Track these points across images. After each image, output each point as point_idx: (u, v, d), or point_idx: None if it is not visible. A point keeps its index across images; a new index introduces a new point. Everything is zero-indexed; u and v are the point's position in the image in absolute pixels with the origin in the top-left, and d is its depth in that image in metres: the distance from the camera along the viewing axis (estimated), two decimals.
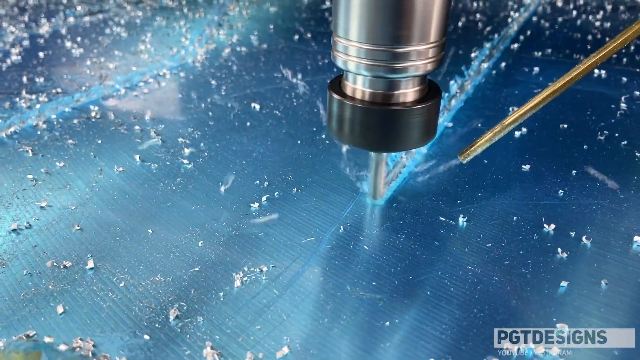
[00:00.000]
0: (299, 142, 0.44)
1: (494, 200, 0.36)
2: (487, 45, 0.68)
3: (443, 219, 0.34)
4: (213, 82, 0.58)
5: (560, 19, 0.80)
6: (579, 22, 0.79)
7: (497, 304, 0.27)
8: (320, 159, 0.41)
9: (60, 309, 0.27)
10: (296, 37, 0.74)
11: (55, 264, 0.30)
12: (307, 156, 0.42)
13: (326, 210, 0.35)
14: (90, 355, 0.24)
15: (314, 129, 0.46)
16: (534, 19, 0.81)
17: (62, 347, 0.24)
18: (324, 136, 0.45)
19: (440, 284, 0.29)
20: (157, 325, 0.26)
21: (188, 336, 0.25)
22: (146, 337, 0.25)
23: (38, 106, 0.50)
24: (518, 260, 0.30)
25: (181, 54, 0.66)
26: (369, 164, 0.35)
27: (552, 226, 0.33)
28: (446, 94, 0.53)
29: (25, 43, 0.69)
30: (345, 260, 0.30)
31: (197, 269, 0.30)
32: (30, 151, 0.42)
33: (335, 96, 0.31)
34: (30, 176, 0.39)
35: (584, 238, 0.32)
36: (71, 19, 0.81)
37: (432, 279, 0.29)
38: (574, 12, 0.84)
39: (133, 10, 0.87)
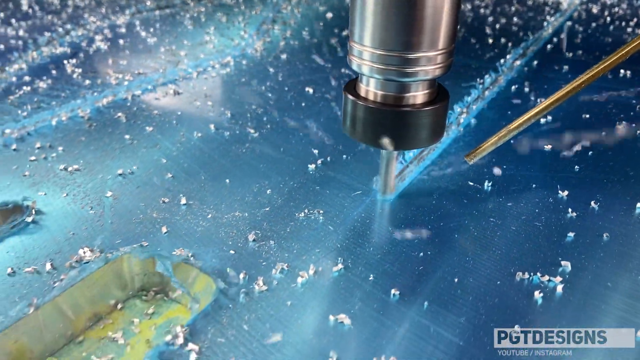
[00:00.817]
0: None
1: (516, 172, 0.42)
2: (522, 45, 0.73)
3: (471, 183, 0.40)
4: (271, 69, 0.65)
5: (593, 24, 0.84)
6: (611, 27, 0.83)
7: (513, 246, 0.33)
8: None
9: (164, 229, 0.34)
10: (344, 33, 0.80)
11: (156, 199, 0.37)
12: None
13: (370, 172, 0.41)
14: (190, 257, 0.31)
15: None
16: (569, 23, 0.85)
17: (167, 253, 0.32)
18: None
19: (466, 229, 0.35)
20: (239, 244, 0.33)
21: (263, 253, 0.32)
22: (231, 252, 0.32)
23: (125, 83, 0.58)
24: (533, 216, 0.36)
25: (242, 45, 0.73)
26: (380, 161, 0.37)
27: (566, 192, 0.38)
28: (480, 86, 0.59)
29: (106, 32, 0.78)
30: (386, 209, 0.37)
31: (267, 209, 0.37)
32: (124, 118, 0.50)
33: (350, 97, 0.33)
34: (127, 136, 0.46)
35: (592, 202, 0.37)
36: (143, 13, 0.90)
37: (460, 224, 0.35)
38: (608, 19, 0.88)
39: (196, 6, 0.96)
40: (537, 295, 0.29)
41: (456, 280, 0.30)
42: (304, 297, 0.29)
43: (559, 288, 0.29)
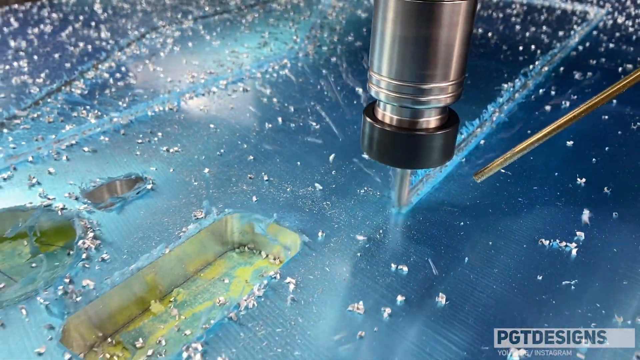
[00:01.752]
0: None
1: (540, 162, 0.48)
2: (550, 52, 0.80)
3: (503, 170, 0.47)
4: (324, 71, 0.73)
5: (617, 34, 0.90)
6: (634, 37, 0.88)
7: (537, 220, 0.40)
8: None
9: (254, 198, 0.42)
10: None
11: (243, 176, 0.45)
12: None
13: None
14: (278, 220, 0.39)
15: None
16: (594, 32, 0.91)
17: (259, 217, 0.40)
18: None
19: (498, 206, 0.42)
20: (314, 212, 0.41)
21: (334, 218, 0.40)
22: (309, 217, 0.40)
23: (201, 81, 0.67)
24: (555, 197, 0.43)
25: (295, 49, 0.81)
26: (394, 177, 0.40)
27: (583, 180, 0.45)
28: (511, 88, 0.65)
29: (177, 34, 0.87)
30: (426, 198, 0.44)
31: (333, 186, 0.44)
32: (205, 110, 0.59)
33: (369, 120, 0.36)
34: (212, 125, 0.55)
35: (605, 188, 0.44)
36: (205, 18, 0.99)
37: (494, 203, 0.42)
38: (631, 29, 0.93)
39: (250, 12, 1.04)
40: (556, 255, 0.36)
41: (490, 243, 0.37)
42: (368, 250, 0.36)
43: (574, 252, 0.36)
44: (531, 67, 0.73)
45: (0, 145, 0.48)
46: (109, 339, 0.32)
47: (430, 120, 0.34)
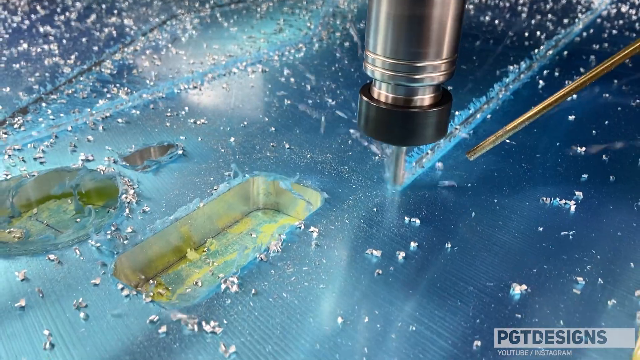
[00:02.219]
0: None
1: (543, 135, 0.51)
2: (554, 37, 0.82)
3: (509, 141, 0.50)
4: (337, 54, 0.76)
5: (620, 22, 0.92)
6: (637, 25, 0.90)
7: (540, 181, 0.43)
8: None
9: (277, 163, 0.45)
10: None
11: (266, 144, 0.49)
12: None
13: None
14: (299, 181, 0.43)
15: None
16: (598, 20, 0.93)
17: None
18: None
19: (504, 171, 0.45)
20: (333, 174, 0.44)
21: (352, 180, 0.43)
22: (329, 179, 0.43)
23: (222, 63, 0.70)
24: (556, 162, 0.46)
25: (309, 34, 0.85)
26: (390, 155, 0.41)
27: (583, 148, 0.48)
28: (517, 70, 0.68)
29: (195, 21, 0.90)
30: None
31: (350, 153, 0.48)
32: (228, 88, 0.62)
33: (365, 98, 0.37)
34: (234, 100, 0.58)
35: (603, 156, 0.47)
36: (222, 6, 1.02)
37: (499, 167, 0.45)
38: (634, 17, 0.95)
39: (264, 2, 1.08)
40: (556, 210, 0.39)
41: (495, 201, 0.40)
42: (384, 205, 0.40)
43: (572, 208, 0.39)
44: (536, 51, 0.76)
45: (40, 117, 0.52)
46: (151, 281, 0.36)
47: (425, 98, 0.35)
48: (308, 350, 0.27)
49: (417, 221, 0.38)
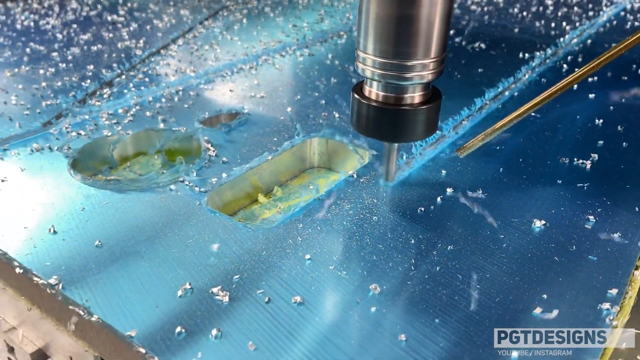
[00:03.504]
0: None
1: (564, 109, 0.57)
2: (579, 27, 0.87)
3: (532, 114, 0.55)
4: None
5: None
6: None
7: (556, 142, 0.49)
8: None
9: (327, 129, 0.52)
10: None
11: (319, 114, 0.55)
12: None
13: None
14: (351, 140, 0.49)
15: None
16: (622, 13, 0.97)
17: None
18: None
19: (528, 138, 0.50)
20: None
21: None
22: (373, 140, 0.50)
23: (273, 47, 0.77)
24: (575, 131, 0.51)
25: (349, 24, 0.91)
26: (383, 152, 0.41)
27: (601, 120, 0.53)
28: (543, 55, 0.73)
29: (244, 11, 0.98)
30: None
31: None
32: (280, 69, 0.69)
33: (356, 96, 0.37)
34: (287, 79, 0.65)
35: (619, 127, 0.52)
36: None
37: (517, 140, 0.51)
38: None
39: None
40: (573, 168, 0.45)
41: (520, 160, 0.46)
42: (411, 176, 0.46)
43: (588, 166, 0.45)
44: (561, 39, 0.80)
45: (124, 89, 0.60)
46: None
47: (414, 96, 0.36)
48: (365, 260, 0.33)
49: (444, 172, 0.44)
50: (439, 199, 0.40)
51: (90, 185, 0.41)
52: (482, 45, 0.79)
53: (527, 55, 0.73)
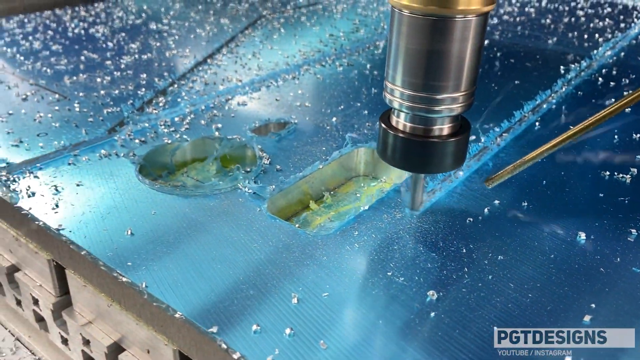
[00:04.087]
0: None
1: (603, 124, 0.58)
2: (612, 40, 0.87)
3: None
4: None
5: None
6: None
7: (596, 154, 0.50)
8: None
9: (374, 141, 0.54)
10: None
11: (362, 124, 0.58)
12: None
13: None
14: None
15: None
16: None
17: None
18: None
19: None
20: None
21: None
22: None
23: (312, 57, 0.80)
24: (614, 145, 0.53)
25: (384, 33, 0.93)
26: (409, 180, 0.41)
27: (639, 135, 0.54)
28: (578, 68, 0.74)
29: (282, 21, 1.00)
30: None
31: None
32: (321, 78, 0.71)
33: (384, 126, 0.37)
34: (328, 89, 0.68)
35: None
36: (300, 8, 1.12)
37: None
38: None
39: (338, 3, 1.17)
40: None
41: (562, 173, 0.48)
42: (457, 188, 0.48)
43: (628, 180, 0.46)
44: (595, 52, 0.81)
45: (177, 98, 0.63)
46: None
47: (443, 128, 0.36)
48: (420, 267, 0.36)
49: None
50: (486, 210, 0.42)
51: (158, 191, 0.44)
52: (516, 58, 0.80)
53: (562, 67, 0.74)
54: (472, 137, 0.52)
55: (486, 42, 0.88)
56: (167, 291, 0.33)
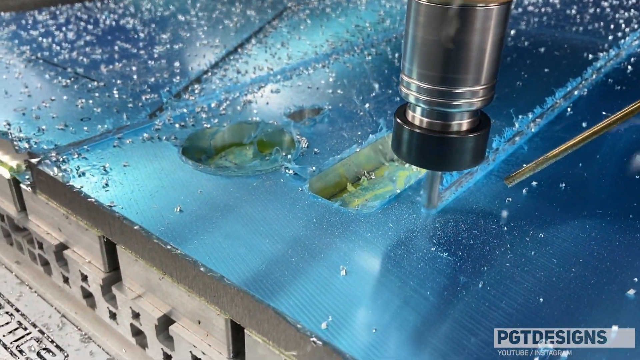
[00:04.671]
0: None
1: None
2: (638, 30, 0.87)
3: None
4: None
5: None
6: None
7: (619, 150, 0.50)
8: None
9: None
10: None
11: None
12: None
13: None
14: None
15: None
16: None
17: None
18: None
19: None
20: None
21: None
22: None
23: (340, 46, 0.80)
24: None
25: None
26: (425, 178, 0.39)
27: None
28: (607, 56, 0.74)
29: (307, 12, 1.01)
30: None
31: None
32: (351, 67, 0.72)
33: (399, 121, 0.35)
34: (358, 77, 0.68)
35: None
36: (325, 1, 1.13)
37: None
38: None
39: None
40: None
41: (598, 156, 0.48)
42: (495, 169, 0.48)
43: None
44: (622, 41, 0.81)
45: (212, 85, 0.64)
46: None
47: (462, 123, 0.34)
48: (463, 243, 0.36)
49: None
50: (524, 190, 0.42)
51: (202, 172, 0.45)
52: (545, 46, 0.80)
53: (590, 56, 0.74)
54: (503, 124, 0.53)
55: (512, 31, 0.88)
56: (219, 263, 0.35)
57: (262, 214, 0.40)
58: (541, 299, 0.31)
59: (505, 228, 0.38)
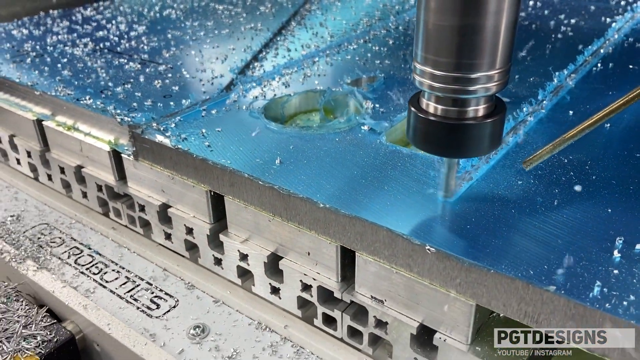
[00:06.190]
0: None
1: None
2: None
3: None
4: None
5: None
6: None
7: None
8: None
9: None
10: None
11: None
12: None
13: None
14: None
15: None
16: None
17: None
18: None
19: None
20: None
21: None
22: None
23: (357, 32, 0.85)
24: None
25: None
26: (441, 166, 0.39)
27: None
28: (624, 20, 0.79)
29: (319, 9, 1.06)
30: None
31: None
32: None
33: (414, 110, 0.35)
34: (382, 57, 0.74)
35: None
36: None
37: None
38: None
39: None
40: None
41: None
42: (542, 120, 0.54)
43: None
44: (636, 4, 0.86)
45: (271, 63, 0.69)
46: None
47: (478, 109, 0.33)
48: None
49: None
50: None
51: (288, 132, 0.51)
52: (564, 13, 0.85)
53: (608, 19, 0.79)
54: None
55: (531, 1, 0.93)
56: (327, 199, 0.40)
57: (351, 160, 0.45)
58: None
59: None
